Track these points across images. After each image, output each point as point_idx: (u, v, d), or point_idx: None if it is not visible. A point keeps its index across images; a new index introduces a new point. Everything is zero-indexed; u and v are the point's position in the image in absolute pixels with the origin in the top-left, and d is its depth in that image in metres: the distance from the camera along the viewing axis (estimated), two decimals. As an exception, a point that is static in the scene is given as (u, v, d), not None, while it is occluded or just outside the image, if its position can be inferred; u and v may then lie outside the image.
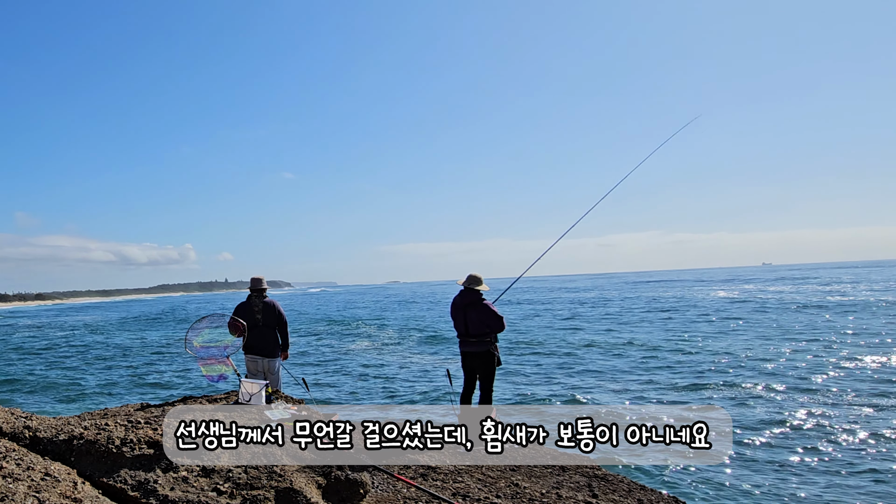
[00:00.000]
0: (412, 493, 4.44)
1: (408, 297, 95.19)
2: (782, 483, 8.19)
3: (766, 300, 43.05)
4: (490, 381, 6.64)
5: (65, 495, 3.35)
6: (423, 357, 22.13)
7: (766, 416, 11.41)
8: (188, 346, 6.58)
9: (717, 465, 8.64)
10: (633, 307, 44.01)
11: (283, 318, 7.38)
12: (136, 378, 20.39)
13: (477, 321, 6.61)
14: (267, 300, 7.34)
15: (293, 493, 3.78)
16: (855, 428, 10.48)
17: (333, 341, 29.63)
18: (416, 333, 32.12)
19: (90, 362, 25.30)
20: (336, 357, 22.94)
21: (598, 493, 4.92)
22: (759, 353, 19.05)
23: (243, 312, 7.24)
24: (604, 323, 32.51)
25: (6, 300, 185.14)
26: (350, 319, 46.70)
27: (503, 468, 5.37)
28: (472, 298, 6.66)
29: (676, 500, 5.01)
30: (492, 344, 6.62)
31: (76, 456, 3.96)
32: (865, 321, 26.83)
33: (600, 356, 19.96)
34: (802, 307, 35.80)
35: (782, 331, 24.87)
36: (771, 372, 15.81)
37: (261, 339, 7.19)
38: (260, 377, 7.12)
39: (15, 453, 3.72)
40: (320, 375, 18.87)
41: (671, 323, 30.72)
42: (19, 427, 4.18)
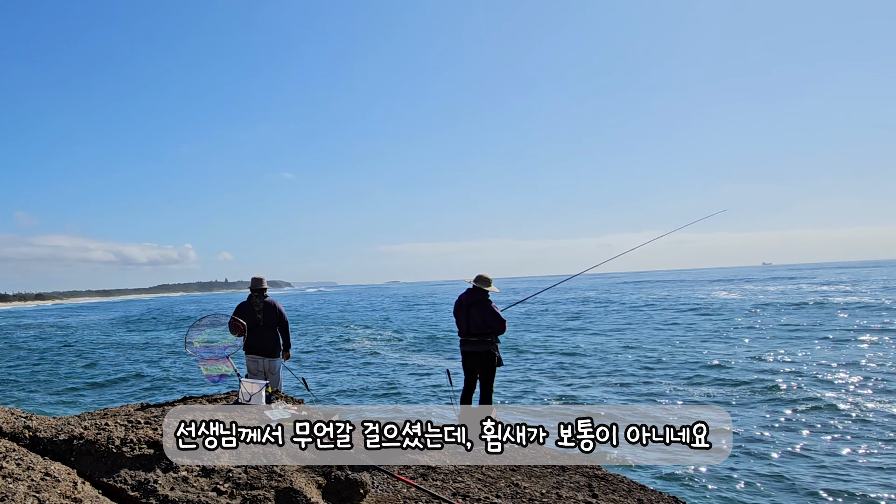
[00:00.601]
0: (412, 493, 4.44)
1: (408, 297, 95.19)
2: (782, 483, 8.19)
3: (766, 300, 43.05)
4: (490, 381, 6.64)
5: (65, 495, 3.35)
6: (423, 357, 22.12)
7: (766, 416, 11.41)
8: (188, 345, 6.59)
9: (717, 465, 8.64)
10: (633, 308, 44.01)
11: (283, 318, 7.37)
12: (136, 378, 20.39)
13: (479, 321, 6.62)
14: (268, 300, 7.34)
15: (293, 493, 3.78)
16: (855, 428, 10.48)
17: (333, 341, 29.62)
18: (415, 333, 32.12)
19: (90, 362, 25.29)
20: (336, 357, 22.94)
21: (598, 493, 4.92)
22: (758, 354, 19.05)
23: (244, 312, 7.24)
24: (604, 323, 32.51)
25: (6, 300, 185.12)
26: (350, 319, 46.70)
27: (503, 468, 5.37)
28: (478, 298, 6.67)
29: (676, 500, 5.01)
30: (492, 344, 6.62)
31: (76, 456, 3.96)
32: (866, 322, 26.83)
33: (600, 356, 19.95)
34: (802, 307, 35.80)
35: (782, 331, 24.87)
36: (770, 372, 15.81)
37: (261, 338, 7.19)
38: (261, 377, 7.11)
39: (15, 453, 3.72)
40: (320, 375, 18.87)
41: (671, 323, 30.72)
42: (19, 427, 4.18)
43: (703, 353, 19.55)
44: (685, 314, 35.65)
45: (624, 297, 59.13)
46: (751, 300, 44.02)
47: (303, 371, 18.43)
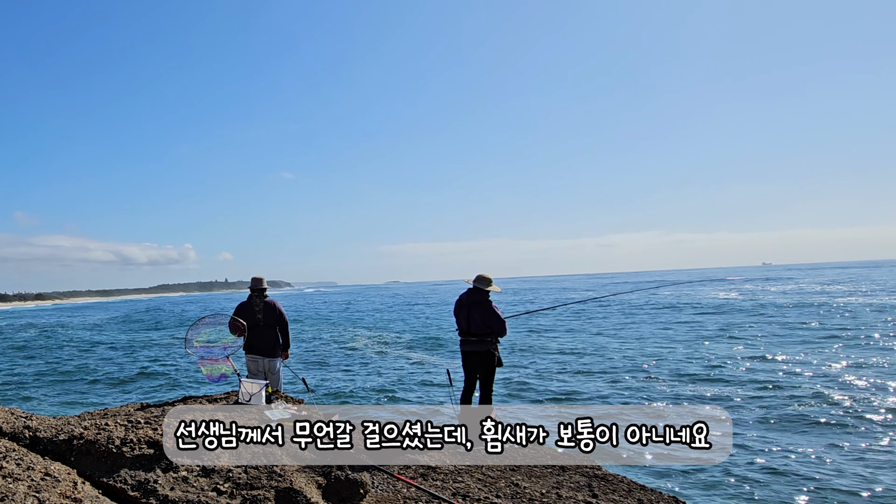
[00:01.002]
0: (412, 493, 4.44)
1: (408, 297, 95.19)
2: (783, 483, 8.19)
3: (766, 300, 43.05)
4: (490, 381, 6.64)
5: (65, 495, 3.35)
6: (423, 357, 22.13)
7: (766, 416, 11.41)
8: (188, 345, 6.59)
9: (718, 465, 8.64)
10: (633, 308, 44.00)
11: (283, 318, 7.37)
12: (136, 378, 20.40)
13: (479, 320, 6.62)
14: (268, 300, 7.34)
15: (293, 493, 3.78)
16: (855, 428, 10.48)
17: (333, 341, 29.63)
18: (416, 334, 32.12)
19: (90, 362, 25.30)
20: (336, 357, 22.93)
21: (598, 493, 4.92)
22: (758, 354, 19.05)
23: (244, 312, 7.24)
24: (604, 324, 32.51)
25: (6, 300, 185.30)
26: (350, 319, 46.70)
27: (503, 468, 5.37)
28: (478, 297, 6.67)
29: (676, 500, 5.00)
30: (492, 344, 6.62)
31: (76, 456, 3.96)
32: (866, 322, 26.83)
33: (600, 356, 19.96)
34: (802, 307, 35.80)
35: (782, 331, 24.88)
36: (770, 372, 15.81)
37: (261, 338, 7.19)
38: (261, 377, 7.12)
39: (15, 453, 3.72)
40: (320, 375, 18.88)
41: (671, 323, 30.71)
42: (19, 427, 4.18)
43: (703, 354, 19.55)
44: (685, 314, 35.65)
45: (624, 297, 59.14)
46: (750, 300, 44.02)
47: (303, 371, 18.43)
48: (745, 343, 21.80)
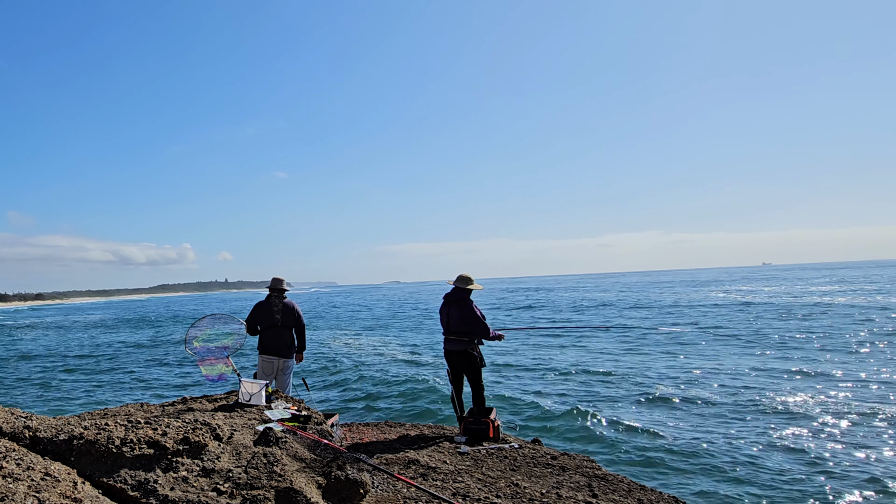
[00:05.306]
0: (412, 493, 4.44)
1: (408, 297, 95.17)
2: (782, 484, 8.19)
3: (765, 300, 43.05)
4: (478, 380, 6.63)
5: (65, 495, 3.35)
6: (423, 357, 22.12)
7: (766, 418, 11.41)
8: (188, 345, 6.60)
9: (717, 466, 8.64)
10: (633, 307, 44.01)
11: (301, 320, 7.35)
12: (136, 378, 20.40)
13: (458, 318, 6.65)
14: (286, 301, 7.31)
15: (293, 493, 3.77)
16: (856, 428, 10.48)
17: (333, 341, 29.62)
18: (415, 333, 32.12)
19: (89, 362, 25.30)
20: (336, 357, 22.93)
21: (598, 493, 4.92)
22: (757, 354, 19.06)
23: (262, 312, 7.22)
24: (603, 324, 32.50)
25: (6, 300, 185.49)
26: (350, 319, 46.70)
27: (503, 468, 5.37)
28: (458, 296, 6.74)
29: (676, 500, 5.00)
30: (470, 343, 6.64)
31: (76, 456, 3.96)
32: (865, 322, 26.83)
33: (600, 356, 19.96)
34: (802, 308, 35.81)
35: (782, 331, 24.87)
36: (770, 372, 15.81)
37: (278, 339, 7.16)
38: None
39: (15, 453, 3.71)
40: (320, 375, 18.88)
41: (671, 323, 30.71)
42: (19, 427, 4.17)
43: (703, 354, 19.56)
44: (685, 314, 35.65)
45: (624, 297, 59.14)
46: (750, 300, 44.02)
47: (303, 371, 18.42)
48: (744, 343, 21.80)
